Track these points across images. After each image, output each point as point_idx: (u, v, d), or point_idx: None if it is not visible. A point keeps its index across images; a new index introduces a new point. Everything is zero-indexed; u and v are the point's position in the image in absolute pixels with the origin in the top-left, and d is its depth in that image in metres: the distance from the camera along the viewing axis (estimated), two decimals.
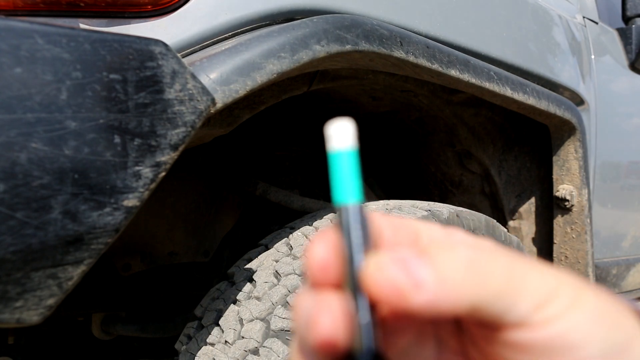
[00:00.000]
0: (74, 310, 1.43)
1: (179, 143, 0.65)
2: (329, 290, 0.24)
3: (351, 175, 0.23)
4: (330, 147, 0.23)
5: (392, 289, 0.23)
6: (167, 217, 1.42)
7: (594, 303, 0.25)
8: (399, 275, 0.23)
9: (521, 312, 0.24)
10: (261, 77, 0.77)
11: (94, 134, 0.58)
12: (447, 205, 1.18)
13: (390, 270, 0.23)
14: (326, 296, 0.24)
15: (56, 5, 0.72)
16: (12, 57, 0.54)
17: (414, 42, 1.01)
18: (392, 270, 0.23)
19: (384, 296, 0.23)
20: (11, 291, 0.57)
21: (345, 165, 0.23)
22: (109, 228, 0.60)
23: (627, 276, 2.00)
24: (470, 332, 0.27)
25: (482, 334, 0.26)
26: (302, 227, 1.10)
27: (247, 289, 0.99)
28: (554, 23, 1.56)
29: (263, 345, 0.88)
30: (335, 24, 0.88)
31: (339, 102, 1.48)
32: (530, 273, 0.25)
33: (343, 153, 0.23)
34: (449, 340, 0.29)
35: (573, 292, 0.25)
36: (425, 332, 0.29)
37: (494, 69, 1.24)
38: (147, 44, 0.63)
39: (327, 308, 0.23)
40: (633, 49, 1.94)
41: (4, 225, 0.54)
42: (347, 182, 0.23)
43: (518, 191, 1.70)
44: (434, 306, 0.23)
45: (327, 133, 0.23)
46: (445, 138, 1.61)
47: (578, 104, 1.62)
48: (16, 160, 0.54)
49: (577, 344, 0.24)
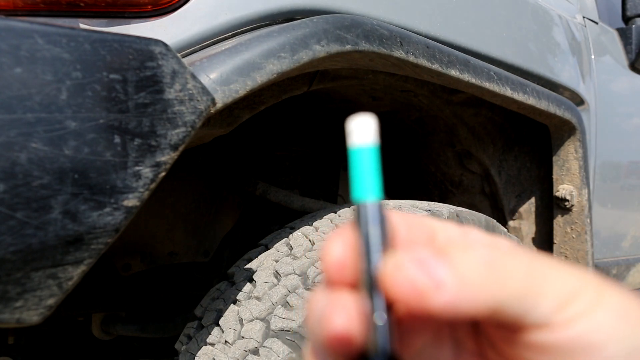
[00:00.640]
0: (74, 310, 1.43)
1: (179, 143, 0.65)
2: (344, 289, 0.24)
3: (371, 172, 0.23)
4: (351, 142, 0.23)
5: (411, 290, 0.22)
6: (167, 217, 1.42)
7: (617, 302, 0.24)
8: (418, 275, 0.22)
9: (542, 313, 0.23)
10: (261, 77, 0.77)
11: (94, 134, 0.58)
12: (447, 205, 1.18)
13: (409, 270, 0.22)
14: (341, 294, 0.23)
15: (56, 5, 0.72)
16: (12, 57, 0.54)
17: (414, 42, 1.01)
18: (412, 270, 0.22)
19: (403, 296, 0.22)
20: (11, 291, 0.57)
21: (366, 162, 0.23)
22: (109, 228, 0.60)
23: (627, 276, 2.00)
24: (488, 334, 0.27)
25: (501, 336, 0.26)
26: (302, 227, 1.10)
27: (247, 289, 0.99)
28: (554, 23, 1.56)
29: (263, 345, 0.88)
30: (335, 24, 0.88)
31: (339, 102, 1.48)
32: (551, 273, 0.24)
33: (364, 149, 0.23)
34: (466, 341, 0.28)
35: (595, 291, 0.24)
36: (441, 333, 0.28)
37: (494, 69, 1.24)
38: (147, 44, 0.63)
39: (341, 306, 0.23)
40: (633, 49, 1.94)
41: (4, 225, 0.54)
42: (366, 178, 0.23)
43: (518, 191, 1.70)
44: (454, 307, 0.22)
45: (348, 128, 0.23)
46: (445, 138, 1.61)
47: (578, 104, 1.62)
48: (16, 160, 0.54)
49: (601, 343, 0.23)
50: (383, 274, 0.23)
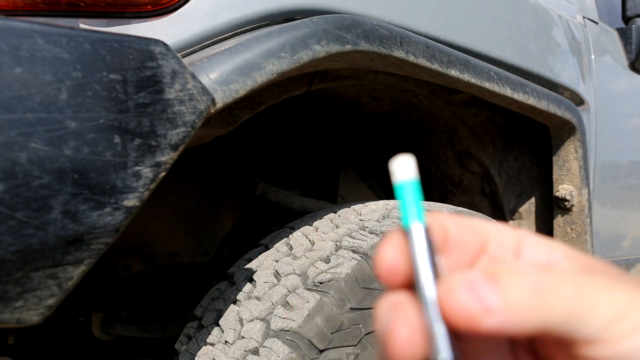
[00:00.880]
0: (74, 310, 1.43)
1: (179, 143, 0.65)
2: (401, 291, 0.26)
3: (415, 202, 0.26)
4: (395, 179, 0.26)
5: (462, 313, 0.24)
6: (167, 217, 1.42)
7: None
8: (469, 300, 0.24)
9: (591, 331, 0.24)
10: (261, 77, 0.77)
11: (94, 134, 0.58)
12: (447, 206, 1.18)
13: (461, 295, 0.24)
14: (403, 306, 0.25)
15: (56, 5, 0.72)
16: (12, 57, 0.54)
17: (414, 42, 1.01)
18: (463, 295, 0.24)
19: (455, 319, 0.24)
20: (11, 291, 0.57)
21: (409, 194, 0.26)
22: (109, 228, 0.60)
23: None
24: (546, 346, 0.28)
25: (557, 348, 0.27)
26: (302, 227, 1.10)
27: (247, 289, 0.99)
28: (554, 23, 1.56)
29: (263, 345, 0.88)
30: (335, 24, 0.88)
31: (339, 102, 1.48)
32: (600, 292, 0.25)
33: (407, 183, 0.26)
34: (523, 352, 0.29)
35: None
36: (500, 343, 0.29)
37: (494, 69, 1.24)
38: (147, 44, 0.63)
39: (404, 319, 0.25)
40: (633, 49, 1.94)
41: (4, 225, 0.54)
42: (411, 207, 0.26)
43: (518, 191, 1.70)
44: (503, 329, 0.24)
45: (391, 168, 0.27)
46: (445, 138, 1.61)
47: (578, 104, 1.62)
48: (16, 160, 0.54)
49: None
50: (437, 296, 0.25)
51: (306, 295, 0.90)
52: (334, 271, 0.92)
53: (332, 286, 0.90)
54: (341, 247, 0.98)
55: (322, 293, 0.89)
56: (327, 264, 0.94)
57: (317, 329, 0.87)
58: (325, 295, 0.89)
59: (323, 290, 0.90)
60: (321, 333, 0.87)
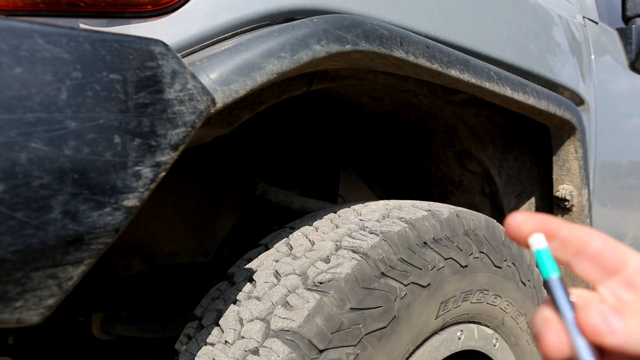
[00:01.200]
0: (74, 310, 1.43)
1: (179, 143, 0.65)
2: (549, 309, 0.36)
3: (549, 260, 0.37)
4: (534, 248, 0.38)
5: (595, 330, 0.33)
6: (167, 217, 1.42)
7: None
8: (601, 323, 0.33)
9: None
10: (261, 77, 0.77)
11: (94, 134, 0.58)
12: (447, 205, 1.18)
13: (594, 318, 0.34)
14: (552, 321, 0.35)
15: (56, 5, 0.72)
16: (12, 57, 0.54)
17: (414, 42, 1.01)
18: (596, 318, 0.34)
19: (589, 334, 0.33)
20: (11, 291, 0.57)
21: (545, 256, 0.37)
22: (109, 228, 0.60)
23: None
24: None
25: None
26: (302, 227, 1.10)
27: (247, 289, 0.99)
28: (554, 23, 1.56)
29: (263, 345, 0.88)
30: (335, 24, 0.88)
31: (339, 102, 1.48)
32: None
33: (542, 250, 0.37)
34: None
35: None
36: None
37: (494, 69, 1.24)
38: (147, 44, 0.63)
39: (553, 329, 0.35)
40: (633, 49, 1.94)
41: (4, 225, 0.54)
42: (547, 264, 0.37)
43: (518, 191, 1.70)
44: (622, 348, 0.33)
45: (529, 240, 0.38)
46: (445, 138, 1.61)
47: (578, 104, 1.62)
48: (16, 160, 0.54)
49: None
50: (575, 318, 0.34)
51: (306, 295, 0.90)
52: (334, 271, 0.92)
53: (332, 286, 0.90)
54: (341, 247, 0.98)
55: (322, 293, 0.89)
56: (327, 264, 0.94)
57: (317, 329, 0.87)
58: (325, 295, 0.89)
59: (323, 290, 0.90)
60: (321, 333, 0.87)
